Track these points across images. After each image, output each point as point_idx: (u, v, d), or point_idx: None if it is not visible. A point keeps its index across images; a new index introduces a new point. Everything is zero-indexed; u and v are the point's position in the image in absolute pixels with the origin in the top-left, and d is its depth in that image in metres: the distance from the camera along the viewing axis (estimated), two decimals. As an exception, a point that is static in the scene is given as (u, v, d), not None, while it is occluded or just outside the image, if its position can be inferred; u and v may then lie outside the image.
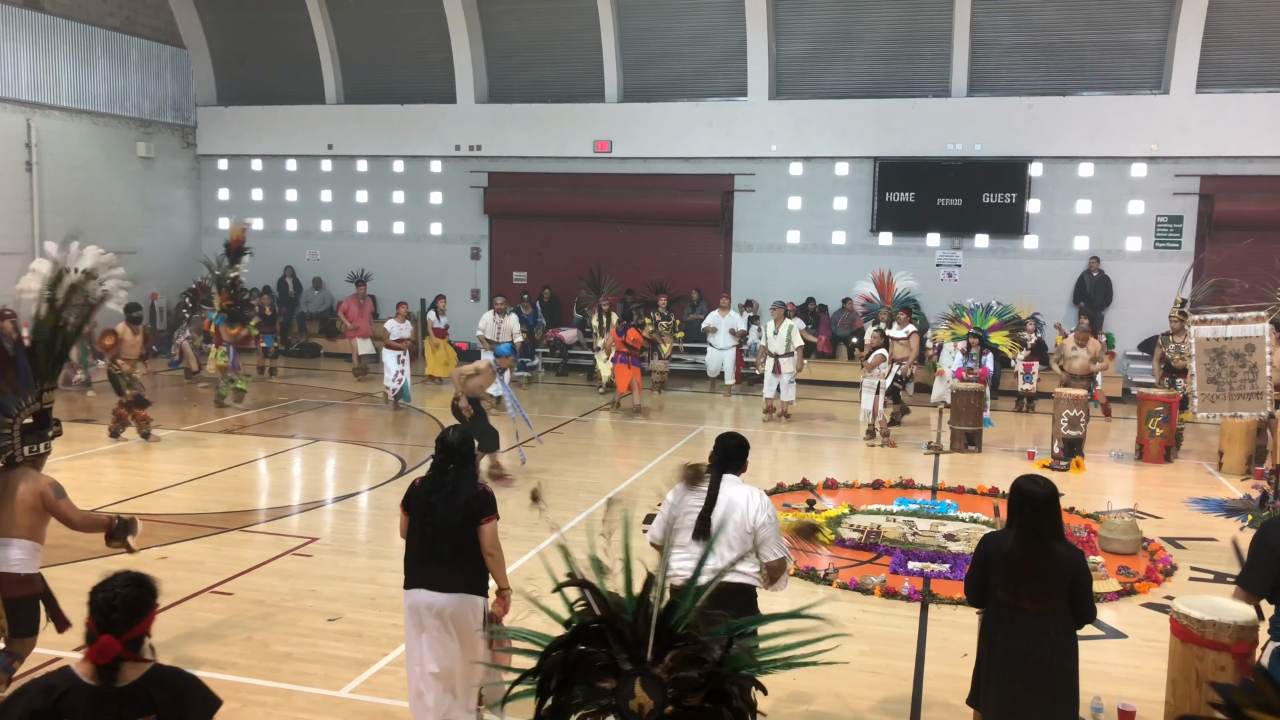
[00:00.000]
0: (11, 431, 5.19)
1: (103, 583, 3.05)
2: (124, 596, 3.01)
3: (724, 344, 16.36)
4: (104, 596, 2.99)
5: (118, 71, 19.42)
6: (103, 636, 2.92)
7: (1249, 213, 16.26)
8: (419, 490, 4.96)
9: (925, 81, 17.73)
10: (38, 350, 5.34)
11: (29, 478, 5.19)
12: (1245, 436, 11.64)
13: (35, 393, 5.30)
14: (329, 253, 20.81)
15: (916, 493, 10.52)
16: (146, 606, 3.08)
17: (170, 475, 10.56)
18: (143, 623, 3.04)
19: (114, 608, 2.97)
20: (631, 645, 2.12)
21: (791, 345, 14.45)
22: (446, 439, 4.99)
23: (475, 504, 4.87)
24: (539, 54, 19.48)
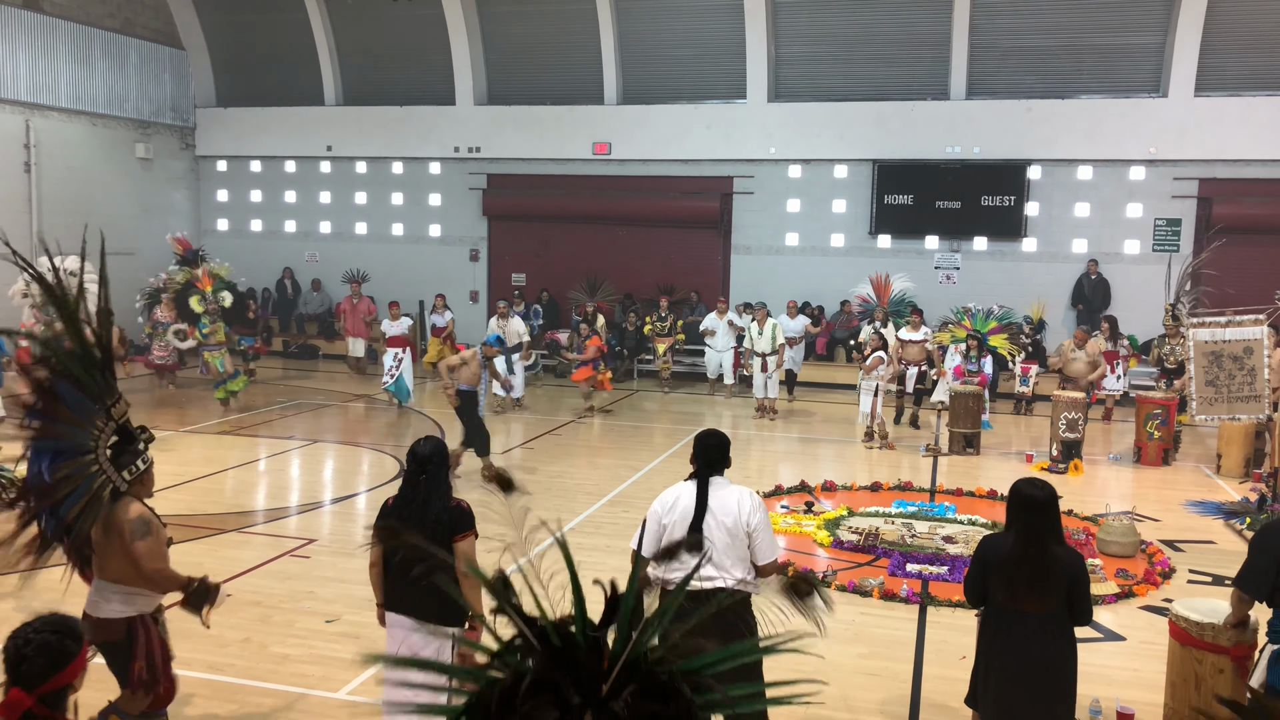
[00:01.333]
0: (99, 465, 4.52)
1: (18, 628, 2.65)
2: (38, 644, 2.58)
3: (721, 345, 16.39)
4: (16, 645, 2.58)
5: (116, 72, 19.42)
6: (12, 690, 2.52)
7: (1247, 215, 16.27)
8: (391, 509, 4.67)
9: (924, 84, 17.75)
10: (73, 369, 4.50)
11: (122, 509, 4.60)
12: (1243, 439, 11.65)
13: (103, 413, 4.56)
14: (328, 254, 20.80)
15: (915, 495, 10.52)
16: (67, 656, 2.63)
17: (168, 476, 10.54)
18: (61, 675, 2.61)
19: (25, 657, 2.56)
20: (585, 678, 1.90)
21: (775, 343, 14.60)
22: (417, 450, 4.69)
23: (446, 517, 4.54)
24: (538, 56, 19.49)
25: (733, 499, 4.56)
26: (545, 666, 1.88)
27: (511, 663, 1.91)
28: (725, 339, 16.32)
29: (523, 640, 1.92)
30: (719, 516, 4.50)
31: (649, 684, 1.89)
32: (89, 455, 4.50)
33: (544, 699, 1.85)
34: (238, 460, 11.66)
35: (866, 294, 16.39)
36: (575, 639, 1.91)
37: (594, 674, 1.89)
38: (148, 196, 20.32)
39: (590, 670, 1.89)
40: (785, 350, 15.15)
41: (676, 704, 1.89)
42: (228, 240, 21.46)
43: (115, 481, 4.57)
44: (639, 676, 1.91)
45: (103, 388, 4.55)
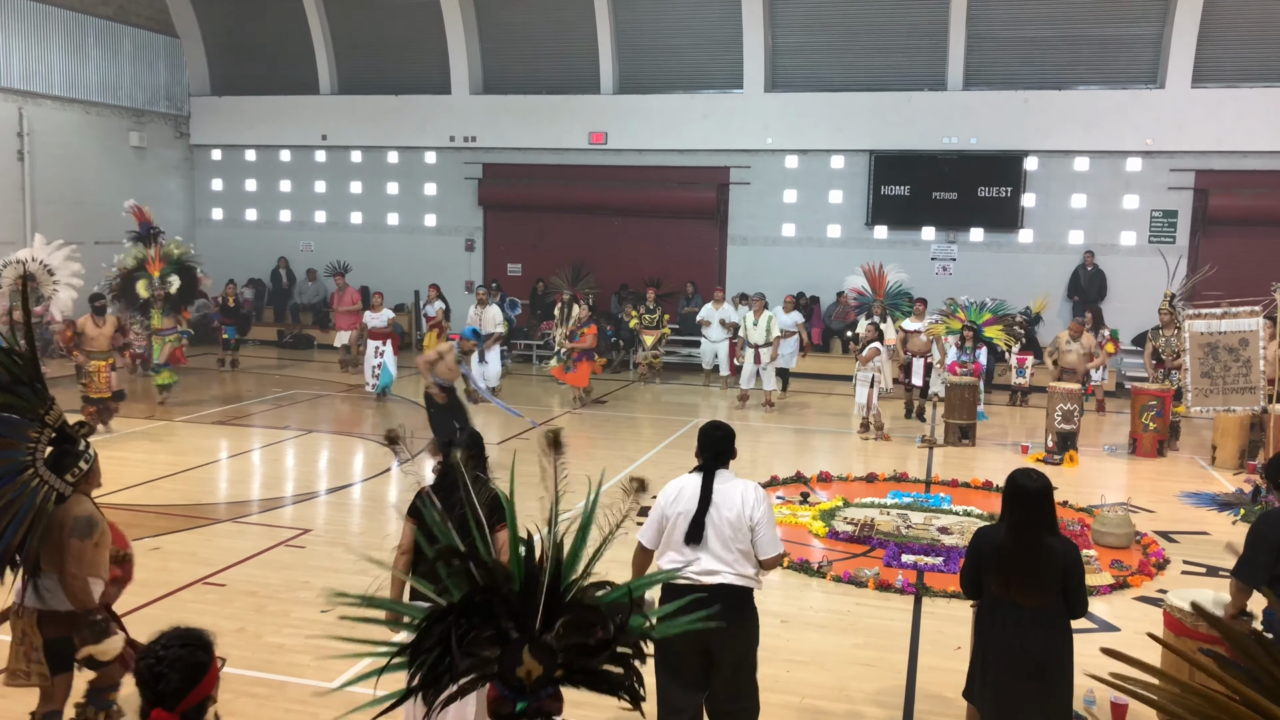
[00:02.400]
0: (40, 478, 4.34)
1: (148, 648, 2.59)
2: (172, 661, 2.54)
3: (717, 336, 16.39)
4: (149, 664, 2.52)
5: (110, 61, 19.32)
6: (154, 712, 2.48)
7: (1243, 207, 16.28)
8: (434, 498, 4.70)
9: (921, 75, 17.71)
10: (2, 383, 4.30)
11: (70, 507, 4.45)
12: (1238, 431, 11.66)
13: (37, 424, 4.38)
14: (323, 244, 20.74)
15: (910, 486, 10.52)
16: (203, 669, 2.61)
17: (163, 466, 10.53)
18: (200, 687, 2.60)
19: (161, 675, 2.50)
20: (519, 614, 2.03)
21: (770, 335, 14.59)
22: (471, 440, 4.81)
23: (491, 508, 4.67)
24: (534, 45, 19.42)
25: (737, 492, 4.51)
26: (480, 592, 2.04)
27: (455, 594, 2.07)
28: (720, 330, 16.32)
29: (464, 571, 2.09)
30: (723, 510, 4.44)
31: (575, 616, 2.04)
32: (28, 471, 4.32)
33: (483, 633, 2.01)
34: (232, 450, 11.64)
35: (861, 286, 16.29)
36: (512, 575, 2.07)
37: (527, 610, 2.04)
38: (142, 185, 20.19)
39: (524, 607, 2.04)
40: (780, 343, 15.13)
41: (601, 628, 2.05)
42: (222, 230, 21.41)
43: (59, 488, 4.40)
44: (565, 609, 2.06)
45: (33, 399, 4.35)
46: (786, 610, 6.96)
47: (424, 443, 10.42)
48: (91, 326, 11.97)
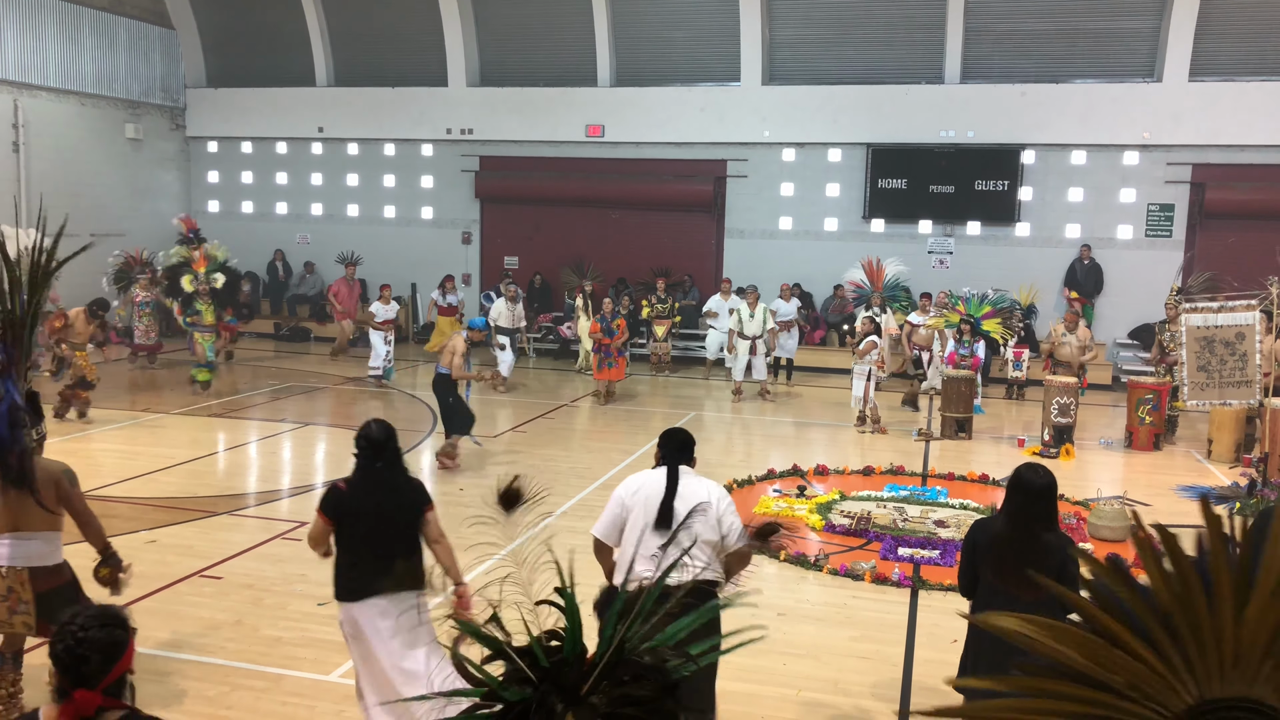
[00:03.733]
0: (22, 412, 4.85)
1: (60, 629, 2.62)
2: (92, 641, 2.57)
3: (726, 327, 16.40)
4: (67, 646, 2.56)
5: (105, 52, 19.24)
6: (77, 692, 2.52)
7: (1240, 201, 16.29)
8: (349, 492, 4.63)
9: (918, 68, 17.69)
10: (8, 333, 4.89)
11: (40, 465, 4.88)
12: (1234, 424, 11.69)
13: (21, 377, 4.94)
14: (319, 236, 20.70)
15: (907, 479, 10.54)
16: (122, 646, 2.64)
17: (159, 459, 10.52)
18: (120, 664, 2.63)
19: (83, 658, 2.55)
20: (568, 687, 1.95)
21: (765, 328, 14.66)
22: (371, 434, 4.66)
23: (414, 496, 4.66)
24: (531, 37, 19.37)
25: (702, 486, 4.54)
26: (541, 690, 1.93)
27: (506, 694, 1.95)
28: (729, 320, 16.33)
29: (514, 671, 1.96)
30: (688, 500, 4.43)
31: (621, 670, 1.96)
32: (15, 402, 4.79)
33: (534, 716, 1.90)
34: (229, 443, 11.63)
35: (859, 279, 16.30)
36: (565, 656, 1.96)
37: (578, 678, 1.94)
38: (137, 177, 20.18)
39: (575, 676, 1.94)
40: (777, 335, 15.20)
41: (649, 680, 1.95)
42: (219, 222, 21.31)
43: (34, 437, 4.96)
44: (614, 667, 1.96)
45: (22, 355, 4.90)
46: (783, 603, 6.97)
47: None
48: (82, 322, 12.37)
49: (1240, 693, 1.95)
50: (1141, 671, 1.99)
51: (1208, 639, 1.93)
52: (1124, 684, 1.99)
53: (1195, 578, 1.91)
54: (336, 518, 4.62)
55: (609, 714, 1.93)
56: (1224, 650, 1.93)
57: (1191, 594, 1.92)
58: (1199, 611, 1.93)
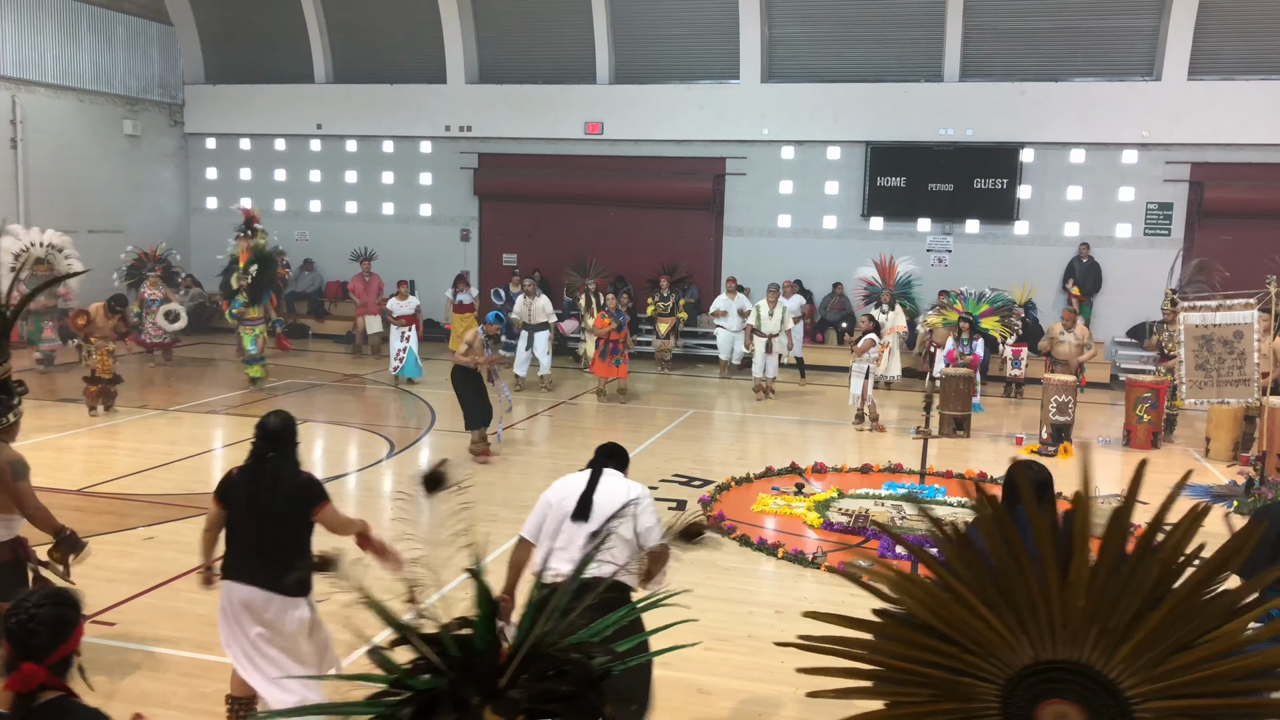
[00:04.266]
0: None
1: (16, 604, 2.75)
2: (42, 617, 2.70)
3: (735, 326, 16.43)
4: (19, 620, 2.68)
5: (104, 48, 19.22)
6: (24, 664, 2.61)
7: (1239, 200, 16.30)
8: (236, 480, 4.64)
9: (918, 66, 17.68)
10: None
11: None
12: (1232, 423, 11.69)
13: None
14: (318, 233, 20.69)
15: (905, 477, 10.54)
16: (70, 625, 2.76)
17: (157, 455, 10.51)
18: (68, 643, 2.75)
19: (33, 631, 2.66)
20: (483, 678, 1.93)
21: (784, 326, 14.63)
22: (267, 424, 4.64)
23: (300, 494, 4.55)
24: (530, 34, 19.35)
25: (621, 486, 4.51)
26: (451, 680, 1.93)
27: (414, 683, 1.95)
28: (737, 320, 16.35)
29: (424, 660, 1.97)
30: (604, 495, 4.43)
31: (542, 665, 1.96)
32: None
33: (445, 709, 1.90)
34: (227, 439, 11.62)
35: (871, 277, 16.37)
36: (475, 645, 1.96)
37: (492, 671, 1.94)
38: (135, 174, 20.16)
39: (489, 670, 1.94)
40: (792, 333, 15.24)
41: (572, 675, 1.95)
42: (217, 219, 21.30)
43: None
44: (532, 661, 1.97)
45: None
46: (781, 601, 6.97)
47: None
48: (102, 317, 12.71)
49: (1070, 656, 2.08)
50: (981, 629, 2.15)
51: (1037, 603, 2.09)
52: (968, 640, 2.16)
53: (1023, 546, 2.10)
54: (223, 503, 4.65)
55: (529, 709, 1.92)
56: (1053, 614, 2.08)
57: (1020, 561, 2.10)
58: (1028, 577, 2.09)
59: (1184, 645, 1.96)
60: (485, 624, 1.95)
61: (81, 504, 8.70)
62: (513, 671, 1.93)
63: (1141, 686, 2.00)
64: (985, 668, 2.16)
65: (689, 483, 9.91)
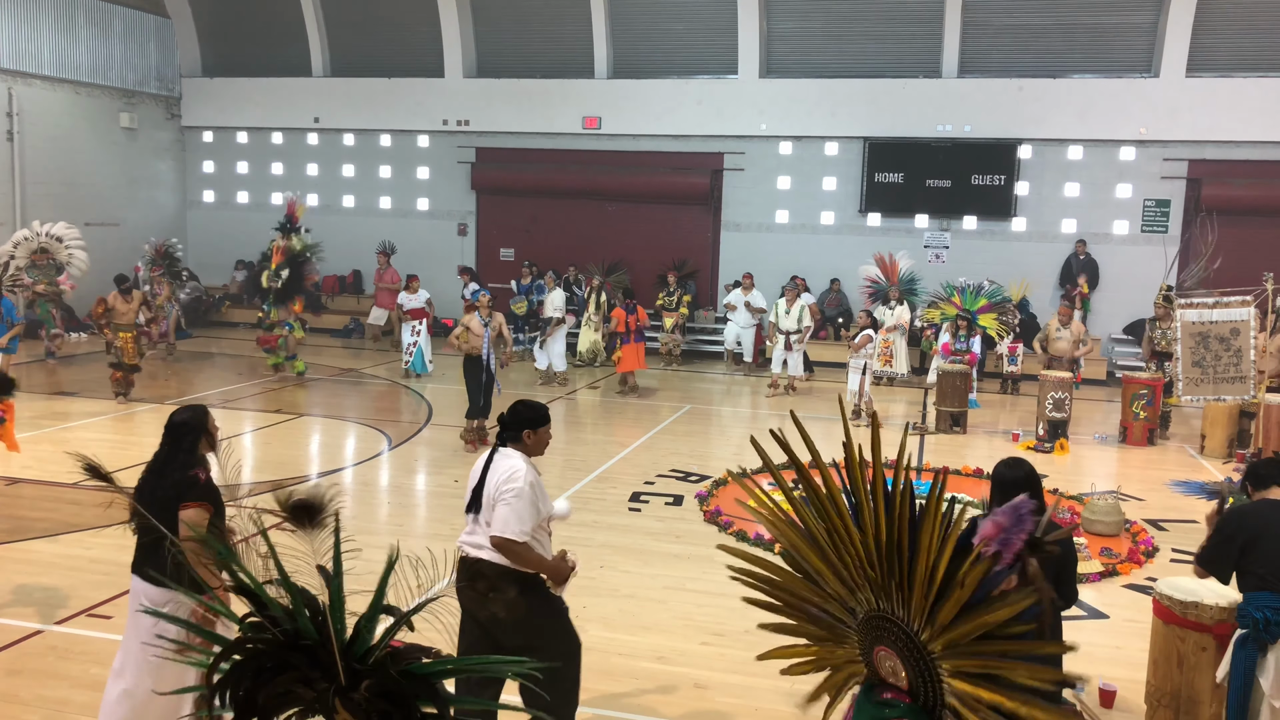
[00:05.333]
0: None
1: None
2: None
3: (744, 322, 16.45)
4: None
5: (100, 41, 19.16)
6: None
7: (1236, 197, 16.30)
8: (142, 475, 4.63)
9: (916, 62, 17.67)
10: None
11: None
12: (1227, 420, 11.71)
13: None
14: (315, 227, 20.51)
15: (902, 473, 10.53)
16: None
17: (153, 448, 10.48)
18: None
19: None
20: (324, 665, 1.98)
21: (802, 323, 14.76)
22: (171, 417, 4.68)
23: (173, 490, 4.43)
24: (528, 28, 19.32)
25: (504, 467, 4.46)
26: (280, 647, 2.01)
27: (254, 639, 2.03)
28: (746, 315, 16.38)
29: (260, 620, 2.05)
30: (489, 482, 4.45)
31: (380, 682, 2.01)
32: None
33: (293, 676, 1.98)
34: (224, 433, 11.58)
35: (875, 275, 16.41)
36: (304, 628, 2.01)
37: (333, 664, 1.99)
38: (132, 167, 20.11)
39: (329, 660, 2.00)
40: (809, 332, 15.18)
41: (401, 704, 2.00)
42: (214, 212, 21.32)
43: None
44: (373, 672, 2.01)
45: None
46: (777, 596, 6.98)
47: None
48: (121, 303, 12.90)
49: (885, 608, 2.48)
50: (828, 576, 2.58)
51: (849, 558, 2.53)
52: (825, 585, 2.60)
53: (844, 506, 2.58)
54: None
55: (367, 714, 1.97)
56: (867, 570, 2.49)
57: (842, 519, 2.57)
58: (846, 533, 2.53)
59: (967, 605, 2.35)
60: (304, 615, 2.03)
61: (78, 497, 8.69)
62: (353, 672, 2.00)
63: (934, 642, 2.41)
64: (842, 615, 2.58)
65: (685, 478, 9.91)
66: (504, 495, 4.34)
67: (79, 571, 6.90)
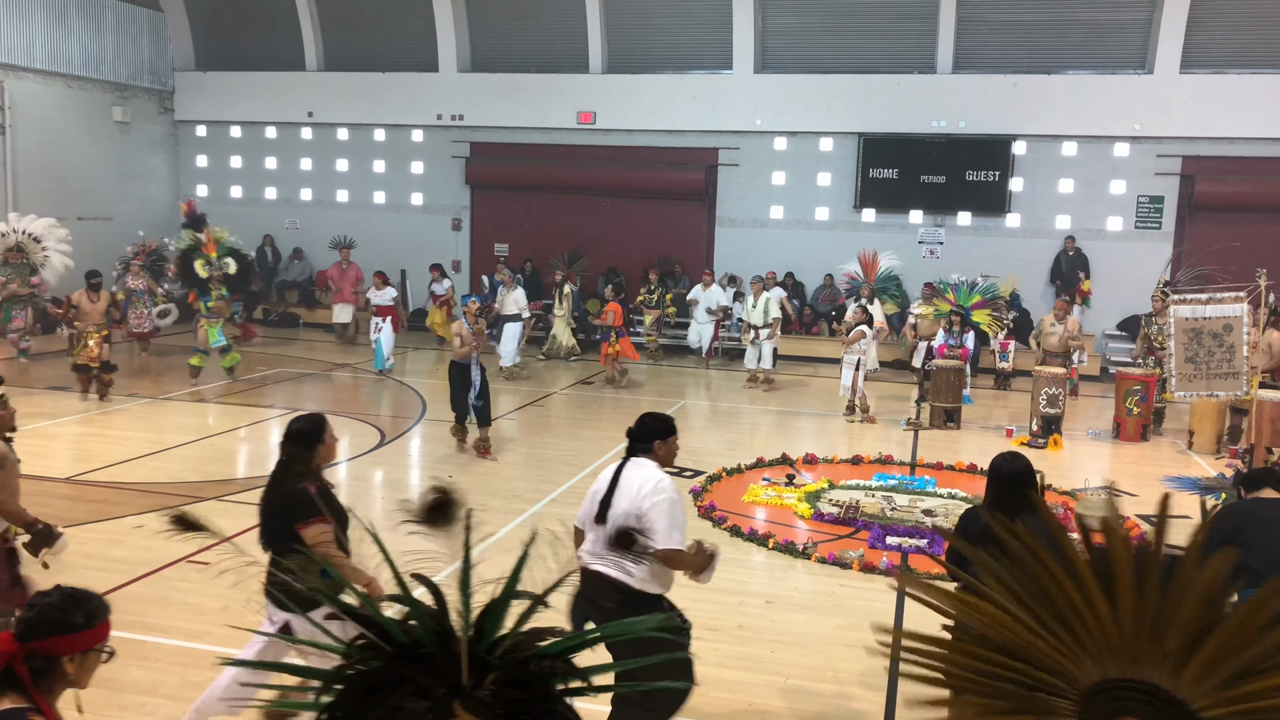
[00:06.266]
0: None
1: (39, 593, 2.71)
2: (49, 605, 2.61)
3: (702, 318, 16.49)
4: (30, 604, 2.64)
5: (93, 34, 19.07)
6: (3, 633, 2.51)
7: (1229, 194, 16.34)
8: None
9: (911, 58, 17.67)
10: None
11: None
12: (1215, 416, 11.75)
13: None
14: (309, 222, 20.61)
15: (895, 468, 10.57)
16: (68, 627, 2.59)
17: (147, 443, 10.47)
18: (54, 641, 2.56)
19: (31, 606, 2.61)
20: (444, 671, 1.90)
21: (769, 317, 14.70)
22: (289, 425, 4.61)
23: (288, 504, 4.42)
24: (523, 23, 19.27)
25: (638, 480, 4.42)
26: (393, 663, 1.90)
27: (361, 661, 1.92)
28: (707, 312, 16.44)
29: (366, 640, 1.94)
30: (621, 495, 4.39)
31: (510, 672, 1.91)
32: None
33: (404, 691, 1.87)
34: (217, 428, 11.59)
35: (854, 271, 16.49)
36: (421, 636, 1.93)
37: (453, 666, 1.89)
38: (125, 161, 20.03)
39: (448, 662, 1.90)
40: (779, 324, 15.22)
41: (538, 688, 1.89)
42: (207, 207, 20.97)
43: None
44: (499, 665, 1.92)
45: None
46: (771, 591, 6.99)
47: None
48: (86, 301, 12.54)
49: (1135, 675, 2.02)
50: (1044, 648, 2.09)
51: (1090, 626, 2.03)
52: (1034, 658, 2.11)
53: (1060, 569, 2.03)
54: None
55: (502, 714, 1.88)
56: (1108, 636, 2.02)
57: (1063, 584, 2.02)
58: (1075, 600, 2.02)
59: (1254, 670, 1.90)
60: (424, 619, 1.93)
61: (71, 492, 8.68)
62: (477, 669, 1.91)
63: (1215, 710, 1.94)
64: (1056, 684, 2.14)
65: (680, 474, 9.91)
66: (657, 506, 4.32)
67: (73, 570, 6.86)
